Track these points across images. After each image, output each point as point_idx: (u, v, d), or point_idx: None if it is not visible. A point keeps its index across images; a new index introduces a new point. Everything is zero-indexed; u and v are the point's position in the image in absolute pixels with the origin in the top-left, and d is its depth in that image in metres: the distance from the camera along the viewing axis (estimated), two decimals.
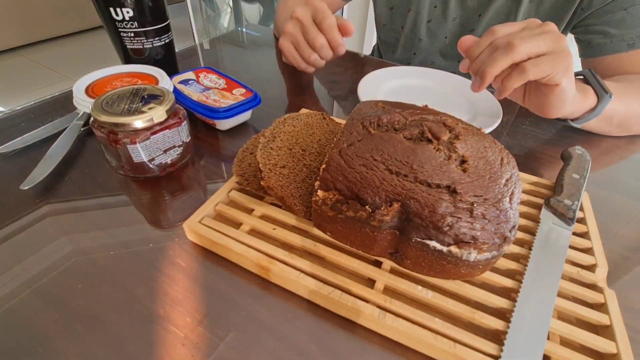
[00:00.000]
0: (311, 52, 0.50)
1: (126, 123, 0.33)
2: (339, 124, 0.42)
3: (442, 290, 0.29)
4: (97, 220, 0.35)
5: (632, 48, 0.51)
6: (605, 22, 0.53)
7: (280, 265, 0.29)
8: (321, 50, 0.49)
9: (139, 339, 0.26)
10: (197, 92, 0.48)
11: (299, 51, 0.51)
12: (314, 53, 0.50)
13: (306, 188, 0.32)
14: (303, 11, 0.49)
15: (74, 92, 0.43)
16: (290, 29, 0.50)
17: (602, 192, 0.42)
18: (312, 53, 0.50)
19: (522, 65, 0.35)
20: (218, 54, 0.73)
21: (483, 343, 0.25)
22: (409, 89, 0.58)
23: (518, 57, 0.35)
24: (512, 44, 0.34)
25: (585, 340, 0.26)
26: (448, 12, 0.68)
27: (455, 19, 0.69)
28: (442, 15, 0.69)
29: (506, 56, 0.35)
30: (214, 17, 2.49)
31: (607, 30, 0.53)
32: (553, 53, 0.35)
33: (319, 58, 0.51)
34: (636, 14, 0.50)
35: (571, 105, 0.41)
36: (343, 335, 0.27)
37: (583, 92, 0.42)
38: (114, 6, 0.46)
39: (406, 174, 0.25)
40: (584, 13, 0.56)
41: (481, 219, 0.23)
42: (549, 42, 0.35)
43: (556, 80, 0.36)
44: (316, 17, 0.48)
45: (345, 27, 0.48)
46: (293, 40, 0.51)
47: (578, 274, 0.30)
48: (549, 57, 0.35)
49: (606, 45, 0.53)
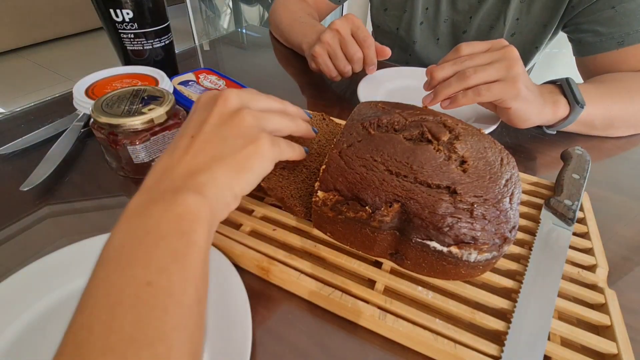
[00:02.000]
0: (347, 63, 0.53)
1: (126, 124, 0.33)
2: (338, 124, 0.42)
3: (442, 290, 0.29)
4: (97, 221, 0.35)
5: (621, 46, 0.51)
6: (595, 20, 0.53)
7: (280, 266, 0.29)
8: (357, 63, 0.53)
9: None
10: (197, 93, 0.48)
11: (334, 61, 0.54)
12: (349, 65, 0.53)
13: (306, 189, 0.32)
14: (344, 25, 0.52)
15: (74, 93, 0.43)
16: (328, 39, 0.52)
17: (602, 192, 0.42)
18: (347, 65, 0.53)
19: (477, 88, 0.39)
20: (218, 55, 0.73)
21: (483, 344, 0.25)
22: (409, 90, 0.58)
23: (471, 84, 0.39)
24: (464, 74, 0.39)
25: (586, 340, 0.26)
26: (439, 14, 0.69)
27: (447, 20, 0.69)
28: (434, 17, 0.70)
29: (459, 83, 0.39)
30: (214, 18, 2.49)
31: (597, 29, 0.53)
32: (505, 80, 0.39)
33: (350, 70, 0.54)
34: (624, 12, 0.50)
35: (539, 117, 0.43)
36: (343, 336, 0.27)
37: (554, 104, 0.44)
38: (114, 8, 0.46)
39: (406, 175, 0.25)
40: (574, 11, 0.56)
41: (481, 219, 0.23)
42: (502, 71, 0.38)
43: (507, 104, 0.40)
44: (357, 33, 0.52)
45: (382, 50, 0.53)
46: (330, 50, 0.53)
47: (579, 274, 0.30)
48: (500, 83, 0.39)
49: (596, 44, 0.54)
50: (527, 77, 0.40)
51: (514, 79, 0.38)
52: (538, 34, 0.64)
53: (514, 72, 0.38)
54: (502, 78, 0.39)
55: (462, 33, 0.69)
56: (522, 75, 0.39)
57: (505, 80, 0.38)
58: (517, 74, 0.38)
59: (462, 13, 0.67)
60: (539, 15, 0.61)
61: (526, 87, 0.40)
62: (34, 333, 0.25)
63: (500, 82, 0.39)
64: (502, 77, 0.39)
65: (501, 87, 0.38)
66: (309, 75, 0.65)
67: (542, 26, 0.62)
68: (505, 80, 0.38)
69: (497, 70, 0.39)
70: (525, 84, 0.39)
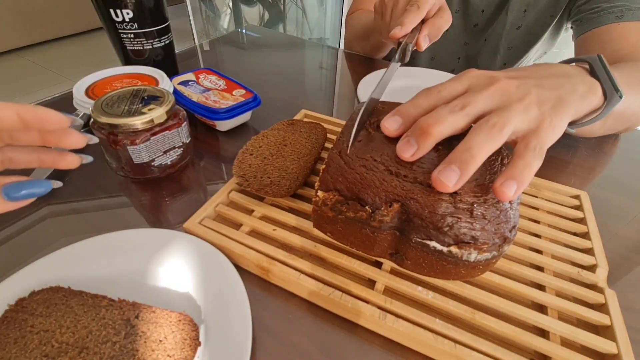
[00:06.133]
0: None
1: (126, 124, 0.33)
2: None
3: (442, 290, 0.29)
4: (97, 221, 0.35)
5: (620, 20, 0.50)
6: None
7: (280, 266, 0.29)
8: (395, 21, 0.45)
9: None
10: (197, 93, 0.48)
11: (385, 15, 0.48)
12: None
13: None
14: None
15: (74, 93, 0.43)
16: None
17: (602, 192, 0.42)
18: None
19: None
20: (218, 55, 0.73)
21: (483, 344, 0.25)
22: (409, 90, 0.58)
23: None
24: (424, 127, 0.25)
25: (585, 340, 0.26)
26: (451, 4, 0.67)
27: (458, 12, 0.68)
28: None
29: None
30: (214, 18, 2.49)
31: (598, 5, 0.52)
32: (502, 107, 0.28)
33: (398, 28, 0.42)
34: None
35: (578, 114, 0.30)
36: (343, 336, 0.27)
37: (590, 92, 0.29)
38: (114, 8, 0.46)
39: (406, 175, 0.25)
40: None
41: (481, 219, 0.23)
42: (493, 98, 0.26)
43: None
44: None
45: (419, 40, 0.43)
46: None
47: (578, 274, 0.30)
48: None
49: (595, 19, 0.52)
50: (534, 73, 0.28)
51: (521, 99, 0.24)
52: (544, 26, 0.63)
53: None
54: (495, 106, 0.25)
55: (473, 27, 0.69)
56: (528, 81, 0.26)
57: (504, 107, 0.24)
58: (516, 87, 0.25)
59: (474, 5, 0.66)
60: (546, 5, 0.60)
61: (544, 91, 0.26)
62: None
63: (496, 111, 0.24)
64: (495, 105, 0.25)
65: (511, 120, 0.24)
66: (309, 76, 0.65)
67: (548, 16, 0.62)
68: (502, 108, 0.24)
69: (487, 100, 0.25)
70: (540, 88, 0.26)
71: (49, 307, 0.25)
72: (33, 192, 0.22)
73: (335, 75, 0.67)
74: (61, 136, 0.24)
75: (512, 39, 0.66)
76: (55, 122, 0.22)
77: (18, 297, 0.26)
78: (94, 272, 0.29)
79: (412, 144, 0.25)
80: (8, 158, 0.24)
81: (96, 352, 0.23)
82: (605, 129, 0.46)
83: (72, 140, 0.24)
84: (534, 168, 0.23)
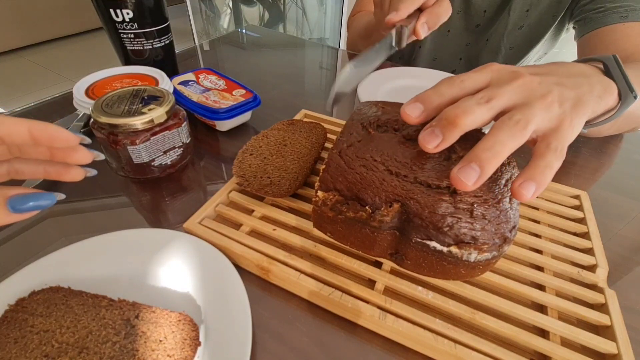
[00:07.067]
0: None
1: (126, 124, 0.33)
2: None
3: (442, 290, 0.29)
4: (97, 221, 0.35)
5: (625, 20, 0.49)
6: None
7: (280, 266, 0.29)
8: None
9: None
10: (197, 93, 0.48)
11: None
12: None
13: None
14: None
15: (74, 93, 0.43)
16: None
17: (602, 192, 0.42)
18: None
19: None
20: (218, 55, 0.73)
21: (483, 344, 0.25)
22: (409, 90, 0.58)
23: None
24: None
25: (586, 340, 0.26)
26: (453, 4, 0.67)
27: (460, 12, 0.68)
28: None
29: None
30: (214, 18, 2.49)
31: (602, 5, 0.52)
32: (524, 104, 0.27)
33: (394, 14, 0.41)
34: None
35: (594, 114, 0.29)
36: (343, 336, 0.27)
37: (606, 92, 0.29)
38: (114, 8, 0.46)
39: (406, 175, 0.25)
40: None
41: (481, 219, 0.23)
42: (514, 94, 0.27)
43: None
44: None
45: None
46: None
47: (578, 274, 0.30)
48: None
49: (599, 19, 0.52)
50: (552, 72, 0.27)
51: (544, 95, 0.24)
52: (547, 26, 0.63)
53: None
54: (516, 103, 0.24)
55: (475, 27, 0.68)
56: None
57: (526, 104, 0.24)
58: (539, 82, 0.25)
59: (475, 5, 0.66)
60: (549, 4, 0.60)
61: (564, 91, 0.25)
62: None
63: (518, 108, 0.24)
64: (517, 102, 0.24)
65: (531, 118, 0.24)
66: (309, 76, 0.65)
67: (550, 16, 0.62)
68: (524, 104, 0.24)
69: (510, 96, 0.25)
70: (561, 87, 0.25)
71: (49, 307, 0.25)
72: (39, 205, 0.23)
73: (335, 75, 0.67)
74: (69, 152, 0.25)
75: (514, 38, 0.66)
76: (65, 141, 0.23)
77: (18, 297, 0.26)
78: (94, 272, 0.29)
79: (437, 134, 0.23)
80: (15, 169, 0.25)
81: (96, 352, 0.23)
82: (614, 129, 0.46)
83: (79, 157, 0.25)
84: (554, 169, 0.22)
